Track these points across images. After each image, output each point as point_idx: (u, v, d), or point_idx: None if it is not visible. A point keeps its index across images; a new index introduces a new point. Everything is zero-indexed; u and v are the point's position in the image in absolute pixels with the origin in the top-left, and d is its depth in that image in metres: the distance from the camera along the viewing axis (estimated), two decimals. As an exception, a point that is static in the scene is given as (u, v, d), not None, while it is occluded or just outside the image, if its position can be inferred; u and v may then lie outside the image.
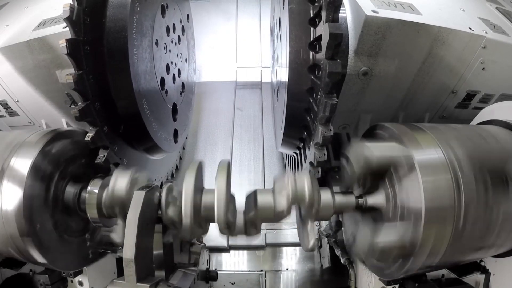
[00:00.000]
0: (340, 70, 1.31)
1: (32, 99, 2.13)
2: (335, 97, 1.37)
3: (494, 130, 1.56)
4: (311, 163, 1.57)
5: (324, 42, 1.32)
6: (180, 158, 3.39)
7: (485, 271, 1.71)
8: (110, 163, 1.69)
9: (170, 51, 2.42)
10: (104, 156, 1.64)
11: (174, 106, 2.50)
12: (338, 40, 1.28)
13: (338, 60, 1.32)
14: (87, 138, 1.58)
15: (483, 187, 1.27)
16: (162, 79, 2.22)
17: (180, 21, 2.71)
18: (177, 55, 2.65)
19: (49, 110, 2.19)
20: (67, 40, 1.45)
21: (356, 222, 1.63)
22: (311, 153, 1.59)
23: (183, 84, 2.79)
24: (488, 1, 2.34)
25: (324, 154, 1.48)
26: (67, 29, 1.49)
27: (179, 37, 2.68)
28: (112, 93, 1.75)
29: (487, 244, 1.39)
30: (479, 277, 1.73)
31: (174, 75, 2.51)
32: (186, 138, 3.46)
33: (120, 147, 1.82)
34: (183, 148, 3.50)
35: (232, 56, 4.29)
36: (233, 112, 3.90)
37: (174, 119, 2.50)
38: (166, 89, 2.31)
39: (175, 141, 2.50)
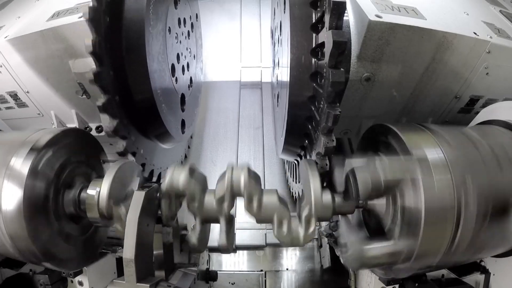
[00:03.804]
0: (344, 79, 1.27)
1: (42, 89, 2.12)
2: (338, 107, 1.34)
3: (494, 130, 1.56)
4: None
5: (327, 50, 1.28)
6: (186, 157, 3.41)
7: (485, 271, 1.71)
8: (129, 153, 1.70)
9: (180, 42, 2.52)
10: (123, 145, 1.65)
11: (183, 96, 2.58)
12: (341, 48, 1.24)
13: (342, 69, 1.28)
14: (107, 129, 1.59)
15: (483, 187, 1.27)
16: (173, 66, 2.30)
17: (190, 18, 2.82)
18: (187, 49, 2.74)
19: (59, 101, 2.18)
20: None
21: (350, 229, 1.62)
22: None
23: (191, 79, 2.89)
24: (491, 4, 2.31)
25: (326, 164, 1.45)
26: (82, 19, 1.52)
27: (188, 32, 2.79)
28: (127, 72, 1.79)
29: (487, 244, 1.39)
30: (479, 277, 1.73)
31: (183, 67, 2.61)
32: (191, 137, 3.53)
33: (136, 137, 1.87)
34: (189, 147, 3.53)
35: (236, 56, 4.29)
36: (238, 112, 3.91)
37: (182, 110, 2.57)
38: (176, 77, 2.39)
39: (182, 132, 2.56)
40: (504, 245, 1.45)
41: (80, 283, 1.85)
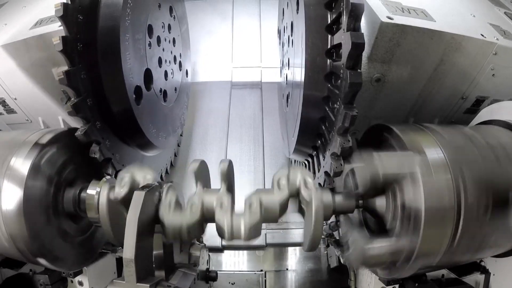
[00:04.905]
0: (362, 80, 1.28)
1: (29, 96, 2.14)
2: (355, 107, 1.34)
3: (494, 130, 1.56)
4: (326, 172, 1.56)
5: (345, 51, 1.29)
6: (172, 165, 3.37)
7: (485, 271, 1.71)
8: (103, 158, 1.69)
9: (163, 47, 2.45)
10: (98, 150, 1.64)
11: (166, 102, 2.51)
12: (360, 50, 1.25)
13: (359, 70, 1.29)
14: (78, 133, 1.57)
15: (483, 187, 1.27)
16: (150, 72, 2.21)
17: (175, 20, 2.75)
18: (171, 53, 2.68)
19: (46, 107, 2.19)
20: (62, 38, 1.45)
21: (352, 228, 1.62)
22: (327, 163, 1.57)
23: (175, 84, 2.81)
24: (496, 6, 2.31)
25: (341, 164, 1.46)
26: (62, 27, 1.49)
27: (174, 39, 2.72)
28: (102, 75, 1.73)
29: (487, 244, 1.39)
30: (479, 277, 1.73)
31: (166, 72, 2.53)
32: (179, 145, 3.47)
33: (112, 142, 1.82)
34: (175, 155, 3.49)
35: (228, 56, 4.29)
36: (228, 111, 3.90)
37: (165, 116, 2.50)
38: (158, 83, 2.32)
39: (165, 139, 2.48)
40: (504, 245, 1.45)
41: (80, 283, 1.85)
